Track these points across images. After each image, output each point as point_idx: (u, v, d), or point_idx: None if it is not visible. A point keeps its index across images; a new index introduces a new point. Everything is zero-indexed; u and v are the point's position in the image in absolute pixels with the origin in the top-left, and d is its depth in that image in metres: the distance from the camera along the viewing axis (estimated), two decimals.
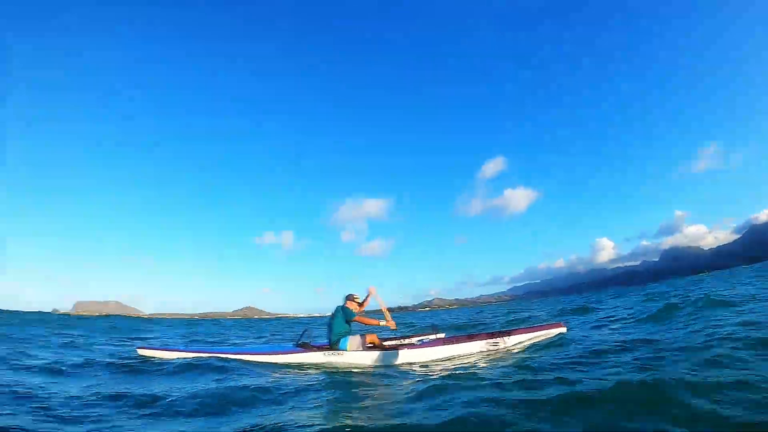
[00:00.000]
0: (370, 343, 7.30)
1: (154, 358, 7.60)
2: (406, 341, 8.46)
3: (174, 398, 4.71)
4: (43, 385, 5.38)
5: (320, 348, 7.31)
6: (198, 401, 4.58)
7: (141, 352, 7.85)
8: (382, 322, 7.24)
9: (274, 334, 17.63)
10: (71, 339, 13.05)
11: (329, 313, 7.67)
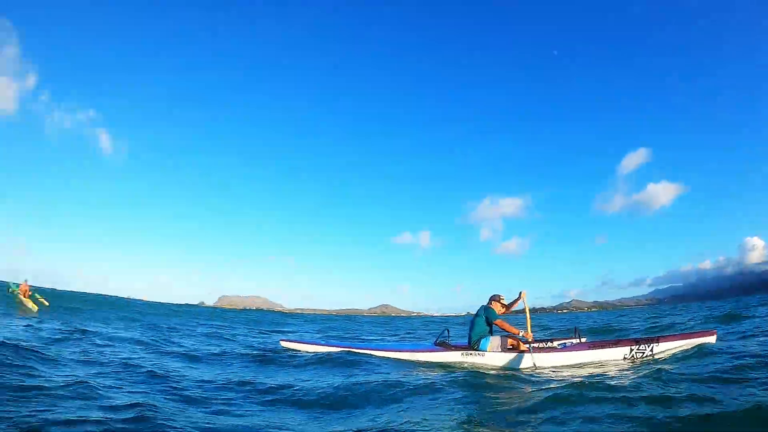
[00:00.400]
0: (510, 345, 6.85)
1: (293, 350, 7.89)
2: (547, 344, 7.83)
3: (299, 388, 4.70)
4: (179, 368, 5.79)
5: (458, 348, 7.04)
6: (321, 392, 4.54)
7: (284, 344, 8.20)
8: (522, 332, 6.75)
9: (409, 333, 17.61)
10: (214, 329, 14.27)
11: (464, 313, 7.33)
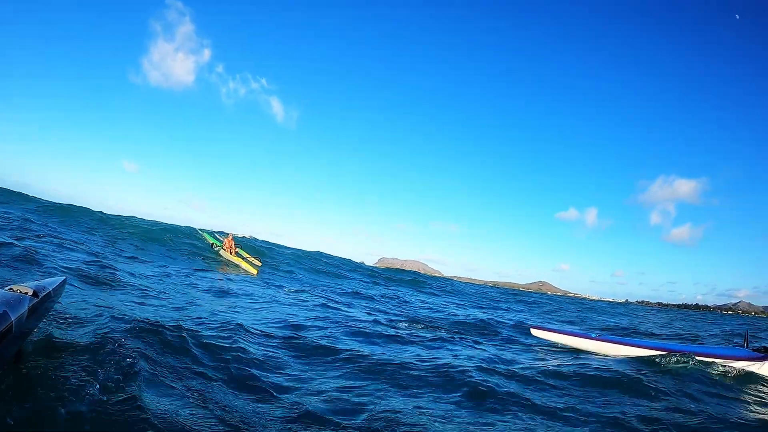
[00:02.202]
0: None
1: (548, 340, 7.63)
2: None
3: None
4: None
5: None
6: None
7: (534, 332, 7.86)
8: None
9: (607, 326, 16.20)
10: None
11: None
